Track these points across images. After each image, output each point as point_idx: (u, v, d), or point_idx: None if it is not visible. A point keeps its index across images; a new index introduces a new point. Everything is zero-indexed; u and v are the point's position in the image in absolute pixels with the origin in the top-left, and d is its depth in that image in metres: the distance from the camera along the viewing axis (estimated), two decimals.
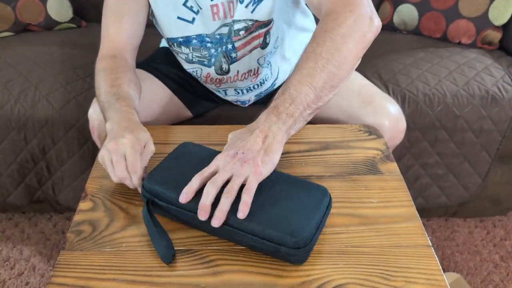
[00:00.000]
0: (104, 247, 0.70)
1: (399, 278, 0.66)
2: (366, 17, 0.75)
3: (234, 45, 0.99)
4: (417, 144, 1.26)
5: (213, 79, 1.06)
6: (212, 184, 0.64)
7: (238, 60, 1.02)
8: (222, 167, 0.65)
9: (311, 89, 0.70)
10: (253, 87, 1.11)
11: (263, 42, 1.01)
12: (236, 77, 1.05)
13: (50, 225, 1.45)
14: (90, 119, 1.01)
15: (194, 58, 1.02)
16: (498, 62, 1.34)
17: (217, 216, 0.63)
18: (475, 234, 1.45)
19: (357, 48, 0.74)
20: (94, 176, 0.84)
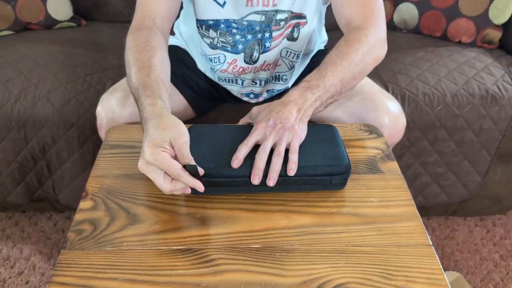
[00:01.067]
0: (105, 246, 0.69)
1: (399, 277, 0.66)
2: (384, 42, 0.93)
3: (272, 34, 1.01)
4: (417, 143, 1.26)
5: (237, 67, 1.06)
6: (264, 151, 0.73)
7: (269, 50, 1.03)
8: (267, 135, 0.75)
9: (339, 84, 0.84)
10: (269, 80, 1.12)
11: (291, 33, 1.04)
12: (261, 66, 1.06)
13: (50, 224, 1.45)
14: (98, 117, 1.01)
15: (219, 44, 1.03)
16: (498, 61, 1.34)
17: (271, 176, 0.72)
18: (475, 233, 1.45)
19: (373, 64, 0.92)
20: (95, 175, 0.84)
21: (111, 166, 0.85)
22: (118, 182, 0.82)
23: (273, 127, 0.75)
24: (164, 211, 0.76)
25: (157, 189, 0.80)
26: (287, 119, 0.76)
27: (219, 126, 0.84)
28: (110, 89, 1.04)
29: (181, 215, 0.75)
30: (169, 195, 0.79)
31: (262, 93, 1.14)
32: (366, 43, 0.88)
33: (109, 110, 0.99)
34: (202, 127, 0.84)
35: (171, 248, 0.69)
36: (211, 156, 0.76)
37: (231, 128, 0.82)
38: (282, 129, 0.75)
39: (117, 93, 1.01)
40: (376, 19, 0.92)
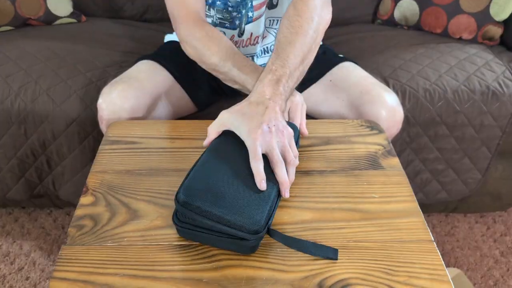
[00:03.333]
0: (105, 242, 0.69)
1: (401, 273, 0.66)
2: (329, 2, 0.93)
3: (252, 3, 1.02)
4: (417, 140, 1.25)
5: (236, 44, 1.07)
6: (280, 162, 0.71)
7: (253, 21, 1.04)
8: (271, 142, 0.71)
9: (301, 64, 0.84)
10: (259, 55, 1.12)
11: (270, 1, 1.04)
12: (249, 40, 1.07)
13: (50, 220, 1.45)
14: (99, 109, 1.00)
15: (217, 21, 1.04)
16: (498, 57, 1.34)
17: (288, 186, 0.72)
18: (475, 230, 1.45)
19: (324, 30, 0.91)
20: (95, 170, 0.83)
21: (111, 162, 0.85)
22: (119, 178, 0.81)
23: (269, 132, 0.72)
24: (165, 206, 0.76)
25: (158, 184, 0.80)
26: (276, 120, 0.74)
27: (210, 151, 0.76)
28: (111, 82, 1.04)
29: None
30: (169, 191, 0.78)
31: None
32: (315, 9, 0.87)
33: (110, 102, 0.98)
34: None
35: (172, 244, 0.69)
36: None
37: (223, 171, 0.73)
38: (279, 132, 0.73)
39: (118, 85, 1.00)
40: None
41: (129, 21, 1.61)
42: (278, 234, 0.68)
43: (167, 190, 0.79)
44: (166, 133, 0.93)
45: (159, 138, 0.92)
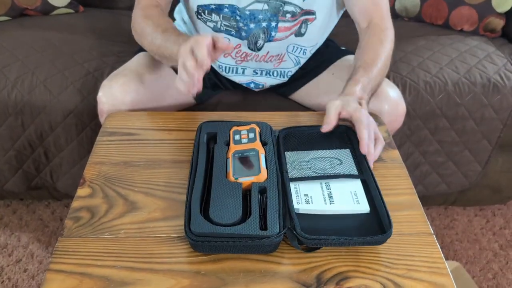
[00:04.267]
0: (102, 234, 0.69)
1: (401, 266, 0.66)
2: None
3: (278, 24, 1.02)
4: (418, 132, 1.25)
5: (240, 52, 1.06)
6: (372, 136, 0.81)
7: (274, 41, 1.04)
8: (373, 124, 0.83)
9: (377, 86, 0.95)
10: (272, 73, 1.11)
11: (299, 29, 1.05)
12: (263, 57, 1.07)
13: (48, 212, 1.45)
14: (99, 103, 1.00)
15: (222, 27, 1.03)
16: (500, 49, 1.33)
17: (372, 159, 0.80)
18: (474, 223, 1.45)
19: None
20: (93, 162, 0.83)
21: (109, 153, 0.85)
22: (116, 169, 0.81)
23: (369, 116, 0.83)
24: (162, 198, 0.75)
25: (156, 176, 0.79)
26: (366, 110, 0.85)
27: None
28: (112, 75, 1.03)
29: (180, 202, 0.74)
30: (167, 183, 0.78)
31: (264, 84, 1.13)
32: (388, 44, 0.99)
33: (110, 96, 0.98)
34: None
35: (170, 236, 0.69)
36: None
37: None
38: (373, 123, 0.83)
39: (118, 78, 0.99)
40: (389, 16, 1.03)
41: (126, 11, 1.59)
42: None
43: (165, 182, 0.78)
44: (164, 125, 0.93)
45: (157, 129, 0.91)
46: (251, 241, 0.65)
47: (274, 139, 0.83)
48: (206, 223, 0.66)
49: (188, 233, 0.65)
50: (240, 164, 0.76)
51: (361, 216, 0.71)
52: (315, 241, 0.66)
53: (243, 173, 0.75)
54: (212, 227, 0.66)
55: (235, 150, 0.79)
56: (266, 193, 0.72)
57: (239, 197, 0.71)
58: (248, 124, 0.85)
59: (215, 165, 0.77)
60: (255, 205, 0.69)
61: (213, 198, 0.70)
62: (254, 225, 0.66)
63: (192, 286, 0.62)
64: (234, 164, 0.76)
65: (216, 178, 0.74)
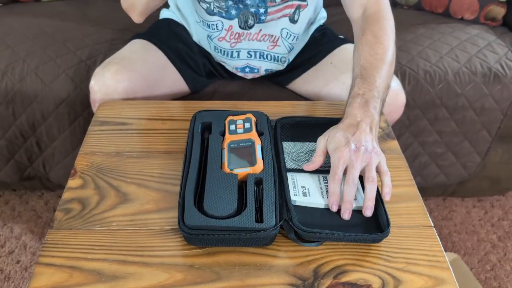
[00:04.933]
0: (94, 226, 0.67)
1: (400, 259, 0.65)
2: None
3: (267, 10, 0.99)
4: (417, 122, 1.23)
5: (233, 34, 1.04)
6: (353, 181, 0.68)
7: (264, 22, 1.02)
8: (354, 161, 0.68)
9: (387, 85, 0.81)
10: (267, 56, 1.08)
11: (293, 14, 1.02)
12: (256, 35, 1.04)
13: (41, 202, 1.43)
14: (92, 91, 0.98)
15: (215, 9, 1.01)
16: (501, 38, 1.31)
17: (368, 206, 0.67)
18: (472, 214, 1.44)
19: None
20: (84, 152, 0.81)
21: (101, 143, 0.83)
22: (108, 160, 0.79)
23: (356, 152, 0.69)
24: (156, 190, 0.73)
25: (149, 167, 0.77)
26: (367, 141, 0.70)
27: None
28: (104, 63, 1.01)
29: (174, 194, 0.72)
30: (160, 174, 0.76)
31: (259, 69, 1.11)
32: (392, 35, 0.88)
33: (103, 84, 0.96)
34: None
35: (163, 228, 0.67)
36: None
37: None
38: (367, 152, 0.69)
39: (111, 67, 0.97)
40: (387, 2, 0.92)
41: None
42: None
43: (159, 173, 0.76)
44: (157, 114, 0.90)
45: (150, 119, 0.89)
46: (247, 234, 0.63)
47: (270, 129, 0.81)
48: (200, 215, 0.64)
49: (182, 226, 0.64)
50: (235, 155, 0.74)
51: (359, 212, 0.69)
52: (313, 235, 0.64)
53: (238, 164, 0.73)
54: (207, 220, 0.64)
55: (230, 141, 0.77)
56: (262, 184, 0.70)
57: (234, 188, 0.69)
58: (244, 113, 0.83)
59: (210, 156, 0.75)
60: (251, 197, 0.68)
61: (208, 190, 0.68)
62: (250, 217, 0.64)
63: (186, 280, 0.60)
64: (230, 155, 0.74)
65: (210, 169, 0.72)
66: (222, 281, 0.61)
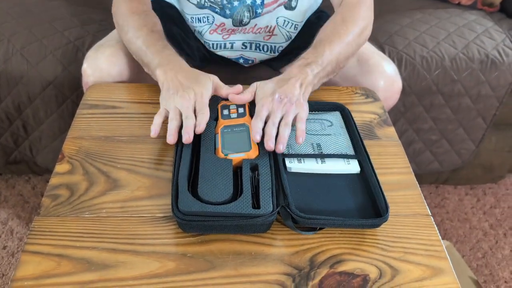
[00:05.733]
0: (82, 213, 0.65)
1: (397, 248, 0.64)
2: (372, 23, 0.93)
3: (264, 1, 0.97)
4: (412, 109, 1.22)
5: (225, 29, 1.01)
6: (273, 124, 0.72)
7: (261, 16, 0.99)
8: (275, 109, 0.74)
9: (335, 63, 0.84)
10: (262, 48, 1.06)
11: (289, 2, 1.00)
12: (251, 29, 1.02)
13: (28, 187, 1.39)
14: (85, 75, 0.94)
15: (206, 3, 0.98)
16: (498, 24, 1.29)
17: (281, 142, 0.71)
18: (465, 202, 1.44)
19: (361, 46, 0.93)
20: (72, 136, 0.78)
21: (90, 127, 0.80)
22: (98, 145, 0.76)
23: (279, 102, 0.75)
24: (147, 176, 0.71)
25: (140, 152, 0.75)
26: (292, 94, 0.76)
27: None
28: (97, 45, 0.98)
29: (166, 180, 0.70)
30: (152, 159, 0.74)
31: (254, 60, 1.08)
32: (361, 24, 0.89)
33: (96, 68, 0.92)
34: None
35: (154, 216, 0.65)
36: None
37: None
38: (289, 103, 0.75)
39: (105, 49, 0.94)
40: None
41: None
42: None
43: (150, 159, 0.74)
44: (149, 98, 0.88)
45: (141, 102, 0.87)
46: (243, 220, 0.61)
47: None
48: (195, 201, 0.63)
49: (176, 211, 0.62)
50: (229, 140, 0.72)
51: (356, 198, 0.68)
52: (311, 221, 0.63)
53: (233, 149, 0.71)
54: (202, 206, 0.62)
55: (224, 125, 0.75)
56: (258, 170, 0.68)
57: (230, 174, 0.67)
58: None
59: (203, 141, 0.73)
60: (247, 182, 0.66)
61: (202, 175, 0.66)
62: (246, 203, 0.63)
63: (178, 269, 0.59)
64: (224, 139, 0.72)
65: (204, 154, 0.70)
66: (215, 270, 0.59)
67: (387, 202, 0.66)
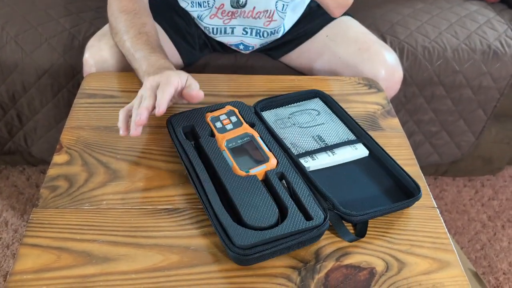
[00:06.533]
0: (82, 205, 0.63)
1: (403, 241, 0.63)
2: None
3: None
4: (413, 100, 1.20)
5: (225, 12, 0.98)
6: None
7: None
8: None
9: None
10: (263, 34, 1.03)
11: None
12: (251, 12, 0.98)
13: (23, 178, 1.37)
14: (86, 65, 0.92)
15: None
16: (500, 15, 1.28)
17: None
18: (463, 194, 1.43)
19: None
20: (70, 126, 0.76)
21: (88, 117, 0.78)
22: (97, 135, 0.74)
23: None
24: (148, 167, 0.70)
25: (140, 143, 0.73)
26: None
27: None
28: (99, 35, 0.95)
29: (167, 171, 0.68)
30: (152, 150, 0.72)
31: (254, 46, 1.06)
32: None
33: (99, 58, 0.90)
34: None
35: (156, 208, 0.64)
36: None
37: None
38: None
39: (109, 39, 0.91)
40: None
41: None
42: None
43: (150, 149, 0.72)
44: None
45: None
46: (302, 235, 0.58)
47: (253, 116, 0.75)
48: (250, 231, 0.57)
49: (233, 248, 0.56)
50: (241, 154, 0.67)
51: (380, 181, 0.70)
52: (360, 217, 0.62)
53: (250, 163, 0.66)
54: (259, 234, 0.56)
55: (226, 140, 0.69)
56: (286, 178, 0.64)
57: (265, 192, 0.62)
58: (221, 107, 0.75)
59: (215, 162, 0.66)
60: (285, 196, 0.62)
61: (238, 201, 0.61)
62: (298, 218, 0.59)
63: (182, 262, 0.57)
64: (234, 155, 0.67)
65: (224, 177, 0.64)
66: (220, 263, 0.58)
67: (414, 179, 0.68)
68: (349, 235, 0.62)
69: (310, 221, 0.59)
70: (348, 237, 0.62)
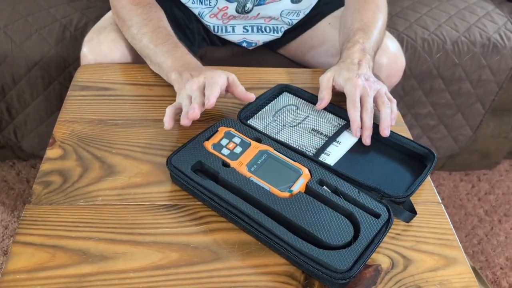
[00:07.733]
0: (77, 201, 0.61)
1: (408, 237, 0.61)
2: None
3: None
4: (412, 93, 1.19)
5: (226, 15, 0.96)
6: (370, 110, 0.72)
7: (265, 4, 0.95)
8: (368, 90, 0.73)
9: (377, 46, 0.86)
10: (264, 29, 1.01)
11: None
12: (253, 17, 0.97)
13: (13, 173, 1.34)
14: (84, 59, 0.88)
15: None
16: (499, 8, 1.27)
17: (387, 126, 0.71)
18: (460, 188, 1.43)
19: None
20: (63, 119, 0.73)
21: (82, 110, 0.75)
22: (91, 128, 0.72)
23: (367, 81, 0.74)
24: (145, 161, 0.67)
25: (136, 137, 0.71)
26: (370, 75, 0.77)
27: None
28: (97, 28, 0.91)
29: (164, 166, 0.66)
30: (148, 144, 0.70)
31: (257, 42, 1.04)
32: (386, 11, 0.91)
33: (98, 53, 0.87)
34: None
35: (154, 204, 0.61)
36: None
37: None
38: (376, 82, 0.75)
39: (108, 33, 0.88)
40: None
41: None
42: None
43: (146, 143, 0.70)
44: (143, 79, 0.83)
45: (136, 84, 0.82)
46: (382, 235, 0.58)
47: (248, 129, 0.70)
48: (338, 252, 0.54)
49: (338, 275, 0.53)
50: (271, 175, 0.62)
51: (396, 156, 0.71)
52: (408, 196, 0.64)
53: (285, 181, 0.61)
54: (352, 250, 0.54)
55: (244, 165, 0.63)
56: (327, 183, 0.62)
57: (321, 205, 0.59)
58: (215, 130, 0.68)
59: (251, 192, 0.60)
60: (340, 201, 0.60)
61: (303, 224, 0.57)
62: (370, 219, 0.58)
63: (182, 260, 0.55)
64: (266, 179, 0.61)
65: (271, 203, 0.59)
66: (221, 261, 0.56)
67: (425, 146, 0.70)
68: (405, 214, 0.62)
69: (379, 218, 0.59)
70: (404, 217, 0.62)
